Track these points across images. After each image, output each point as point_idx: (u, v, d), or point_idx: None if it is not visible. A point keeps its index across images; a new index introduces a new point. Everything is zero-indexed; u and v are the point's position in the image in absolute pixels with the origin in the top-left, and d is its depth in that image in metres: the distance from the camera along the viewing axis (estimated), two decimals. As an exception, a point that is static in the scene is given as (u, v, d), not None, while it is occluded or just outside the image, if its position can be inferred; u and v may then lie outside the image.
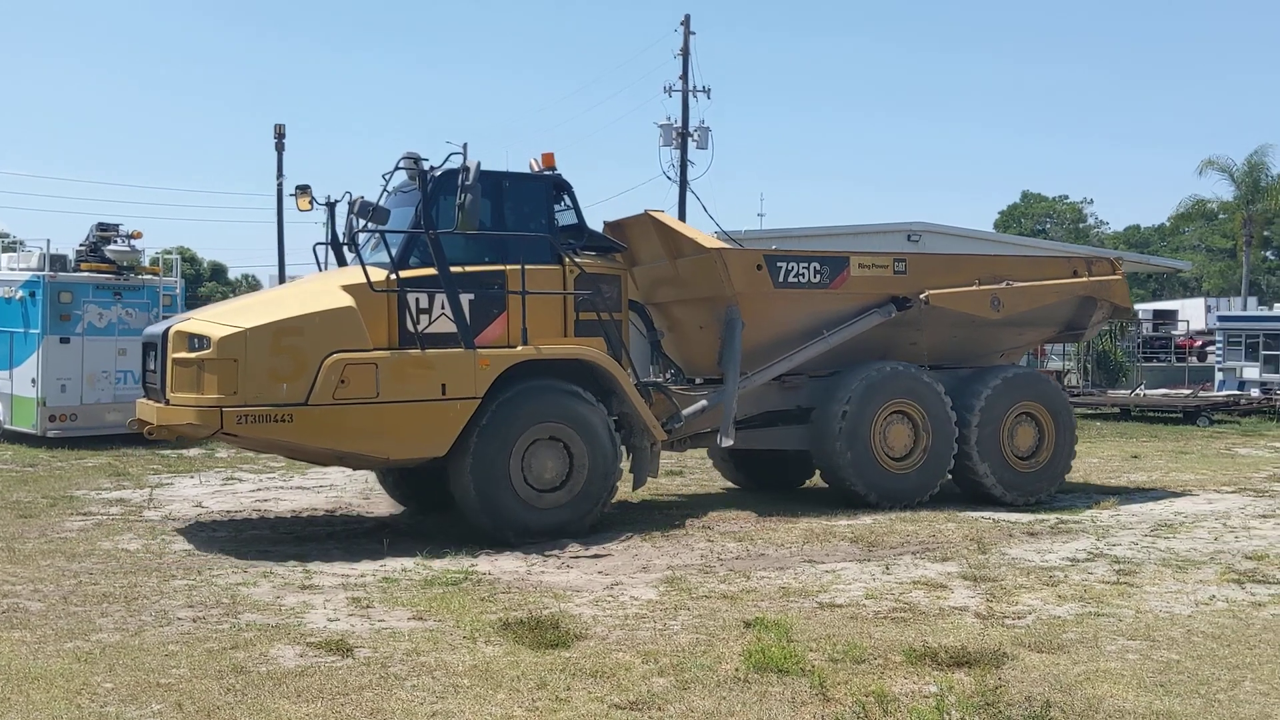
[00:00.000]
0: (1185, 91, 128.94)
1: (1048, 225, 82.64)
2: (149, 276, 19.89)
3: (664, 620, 7.41)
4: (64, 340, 18.66)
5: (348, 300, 9.96)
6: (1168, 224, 71.87)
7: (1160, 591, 8.27)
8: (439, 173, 10.48)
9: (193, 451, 17.69)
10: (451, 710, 5.59)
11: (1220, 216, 54.99)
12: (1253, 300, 47.00)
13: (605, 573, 9.03)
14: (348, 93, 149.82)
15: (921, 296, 12.53)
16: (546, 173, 11.21)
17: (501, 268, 10.55)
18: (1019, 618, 7.49)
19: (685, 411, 11.80)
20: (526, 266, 10.50)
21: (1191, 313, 41.52)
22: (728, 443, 11.83)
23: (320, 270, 11.42)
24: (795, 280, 12.13)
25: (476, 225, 10.20)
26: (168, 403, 9.95)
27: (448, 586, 8.37)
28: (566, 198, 11.19)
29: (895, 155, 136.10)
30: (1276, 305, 36.14)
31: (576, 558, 9.64)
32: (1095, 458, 17.97)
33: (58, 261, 19.13)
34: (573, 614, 7.55)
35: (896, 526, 10.94)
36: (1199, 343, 37.32)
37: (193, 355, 9.72)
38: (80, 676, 6.02)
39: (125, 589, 8.14)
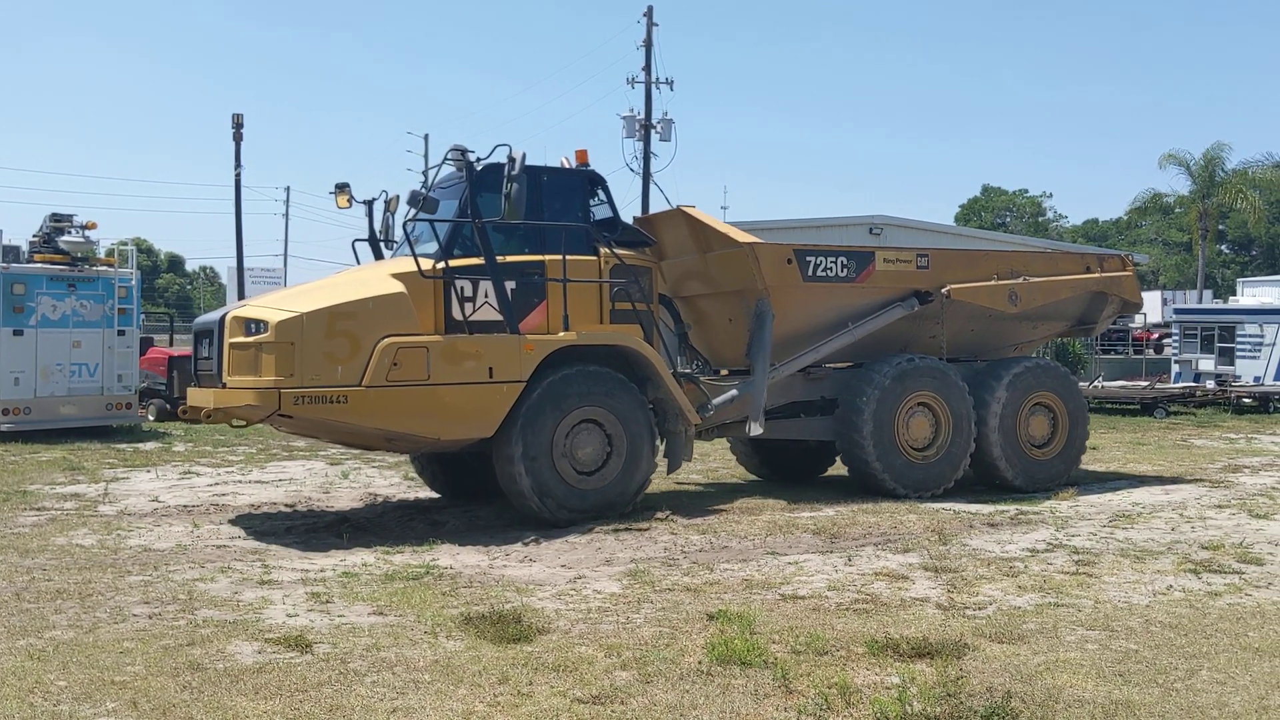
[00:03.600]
0: (1143, 88, 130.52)
1: (1008, 219, 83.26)
2: (104, 268, 19.59)
3: (627, 613, 7.38)
4: (17, 333, 18.36)
5: (399, 286, 10.32)
6: (1125, 218, 72.58)
7: (1118, 581, 8.34)
8: (484, 165, 10.78)
9: (149, 445, 17.47)
10: (412, 706, 5.54)
11: (1177, 210, 55.56)
12: (1208, 294, 47.58)
13: (568, 566, 9.00)
14: (307, 83, 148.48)
15: (943, 291, 12.86)
16: (582, 168, 11.54)
17: (541, 258, 10.94)
18: (980, 608, 7.53)
19: (715, 401, 12.12)
20: (570, 256, 10.89)
21: (1148, 306, 41.91)
22: (757, 431, 12.12)
23: (358, 264, 11.71)
24: (823, 274, 12.46)
25: (522, 214, 10.49)
26: (224, 386, 10.16)
27: (409, 581, 8.30)
28: (601, 192, 11.59)
29: (857, 149, 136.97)
30: (1231, 298, 36.60)
31: (539, 551, 9.59)
32: (1054, 449, 18.09)
33: (11, 253, 18.82)
34: (535, 608, 7.50)
35: (858, 518, 10.98)
36: (1156, 335, 37.73)
37: (250, 339, 10.02)
38: (33, 674, 5.91)
39: (79, 585, 8.01)
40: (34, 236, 19.59)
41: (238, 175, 34.58)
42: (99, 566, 8.69)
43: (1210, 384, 28.24)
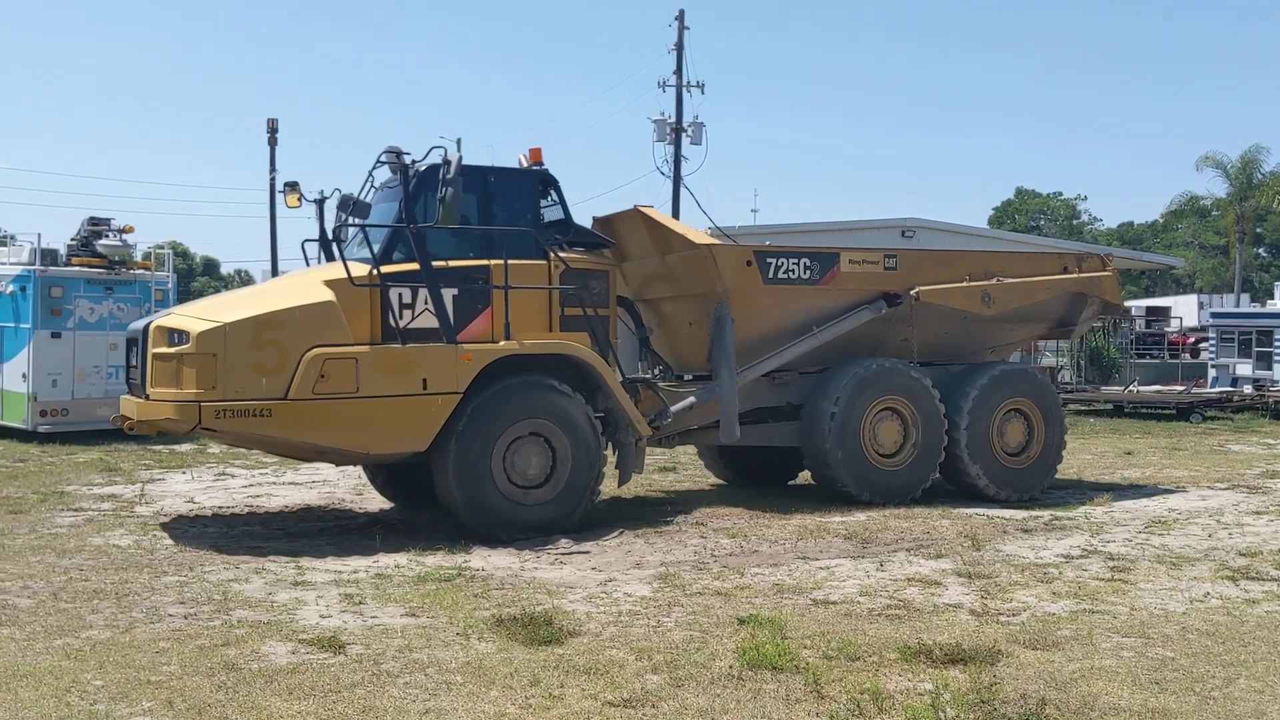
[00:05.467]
0: (1180, 89, 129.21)
1: (1042, 221, 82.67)
2: (140, 271, 19.79)
3: (657, 617, 7.38)
4: (55, 335, 18.57)
5: (328, 295, 9.94)
6: (1161, 220, 71.84)
7: (1155, 588, 8.25)
8: (422, 168, 10.41)
9: (185, 447, 17.63)
10: (444, 708, 5.56)
11: (1213, 213, 55.02)
12: (1245, 297, 47.08)
13: (598, 569, 9.00)
14: (341, 86, 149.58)
15: (912, 293, 12.48)
16: (532, 168, 11.15)
17: (486, 262, 10.51)
18: (1013, 615, 7.47)
19: (673, 408, 11.73)
20: (511, 261, 10.47)
21: (1184, 309, 41.55)
22: (732, 439, 11.85)
23: (308, 266, 11.34)
24: (785, 276, 12.09)
25: (458, 219, 10.16)
26: (148, 398, 9.92)
27: (440, 583, 8.33)
28: (553, 193, 11.14)
29: (889, 151, 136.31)
30: (1269, 302, 36.15)
31: (570, 554, 9.61)
32: (1088, 454, 17.97)
33: (49, 256, 19.05)
34: (566, 610, 7.51)
35: (890, 523, 10.93)
36: (1192, 339, 37.34)
37: (172, 350, 9.71)
38: (70, 674, 5.97)
39: (116, 585, 8.09)
40: (72, 240, 19.82)
41: (272, 179, 34.82)
42: (135, 567, 8.77)
43: (1247, 388, 27.91)
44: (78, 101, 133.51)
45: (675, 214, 36.91)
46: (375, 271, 10.13)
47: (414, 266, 10.24)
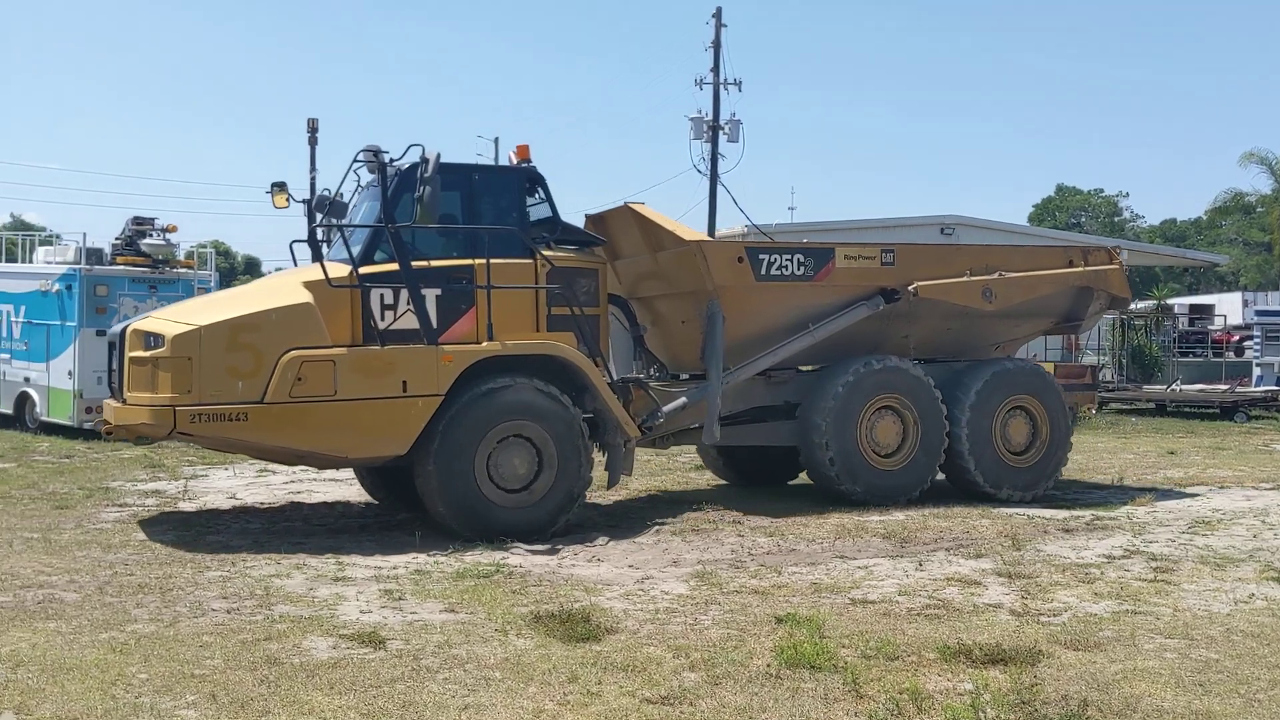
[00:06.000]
0: (1223, 84, 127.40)
1: (1083, 219, 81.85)
2: (184, 270, 20.06)
3: (695, 615, 7.38)
4: (100, 333, 18.75)
5: (305, 296, 9.84)
6: (1204, 217, 70.94)
7: (1198, 589, 8.16)
8: (404, 167, 10.27)
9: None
10: (483, 703, 5.59)
11: (1258, 210, 54.21)
12: (1291, 294, 46.30)
13: (635, 567, 9.02)
14: (378, 86, 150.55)
15: (910, 288, 12.27)
16: (518, 165, 11.01)
17: (470, 262, 10.36)
18: (1054, 615, 7.41)
19: (665, 408, 11.53)
20: (496, 260, 10.33)
21: (1228, 307, 40.93)
22: (712, 440, 11.70)
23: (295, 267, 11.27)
24: (778, 273, 11.86)
25: (436, 218, 9.99)
26: (125, 402, 9.84)
27: (479, 579, 8.38)
28: (540, 191, 11.00)
29: (928, 148, 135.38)
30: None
31: (607, 551, 9.63)
32: (1131, 453, 17.79)
33: (94, 255, 19.33)
34: (603, 608, 7.53)
35: (929, 522, 10.87)
36: (1236, 337, 36.78)
37: (148, 354, 9.61)
38: (115, 667, 6.06)
39: (160, 580, 8.20)
40: (116, 239, 20.11)
41: (312, 179, 35.20)
42: (179, 562, 8.88)
43: (1293, 387, 27.43)
44: (122, 101, 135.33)
45: (712, 212, 36.89)
46: (354, 272, 10.01)
47: (395, 267, 10.12)
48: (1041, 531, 10.51)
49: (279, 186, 10.78)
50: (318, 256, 10.96)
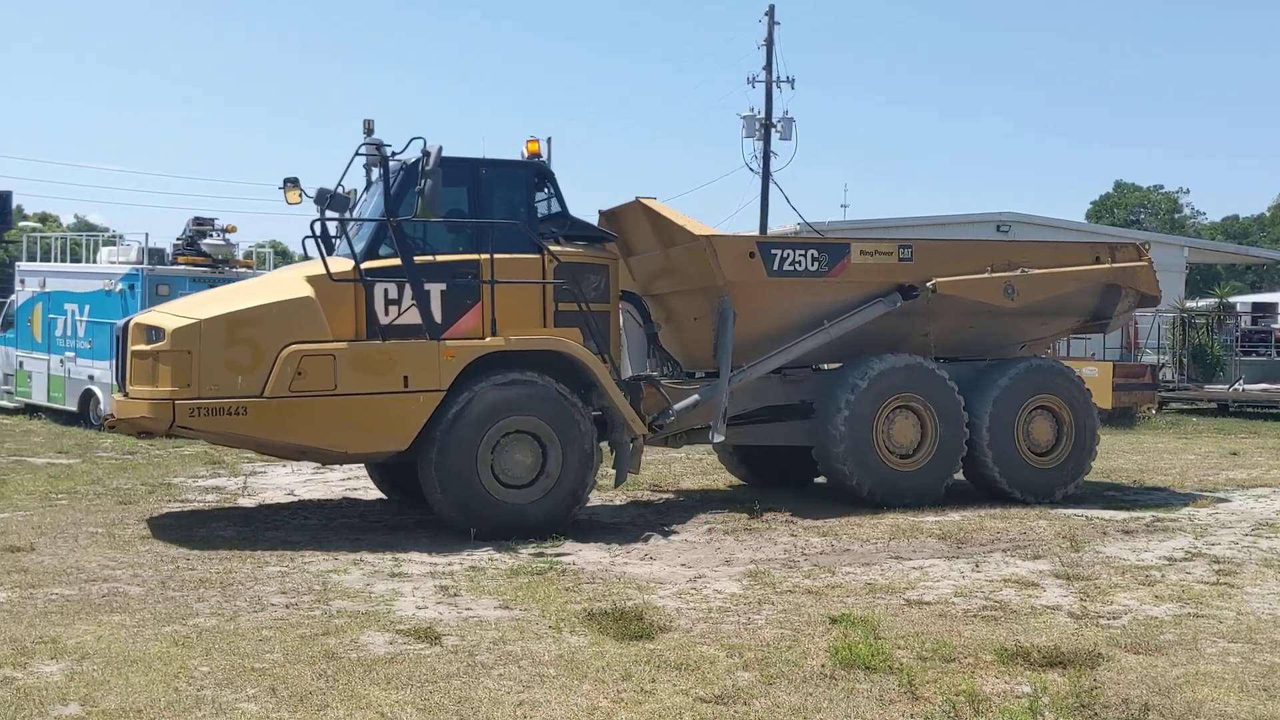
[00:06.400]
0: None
1: (1142, 216, 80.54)
2: (243, 269, 20.38)
3: (748, 614, 7.37)
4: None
5: (306, 290, 9.81)
6: (1268, 214, 69.58)
7: (1262, 592, 8.00)
8: (410, 161, 10.21)
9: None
10: (538, 699, 5.62)
11: (1324, 205, 53.19)
12: (1359, 292, 45.20)
13: (688, 565, 9.02)
14: (431, 88, 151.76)
15: (928, 285, 12.00)
16: (527, 160, 10.92)
17: (476, 257, 10.28)
18: (1114, 618, 7.30)
19: (676, 406, 11.40)
20: (503, 255, 10.25)
21: (1295, 306, 40.05)
22: (718, 439, 11.51)
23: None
24: (791, 269, 11.62)
25: (437, 212, 9.96)
26: (127, 395, 9.88)
27: (533, 576, 8.43)
28: (549, 186, 10.93)
29: (983, 144, 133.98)
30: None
31: (659, 550, 9.64)
32: (1192, 454, 17.47)
33: (156, 255, 19.68)
34: (656, 606, 7.54)
35: (986, 523, 10.76)
36: (1301, 336, 35.99)
37: (149, 347, 9.64)
38: (178, 660, 6.16)
39: (221, 575, 8.33)
40: (178, 239, 20.47)
41: (368, 179, 35.62)
42: (239, 557, 9.01)
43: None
44: (183, 106, 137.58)
45: (764, 210, 36.78)
46: (357, 267, 9.96)
47: (399, 262, 10.05)
48: (1101, 533, 10.37)
49: (291, 183, 10.58)
50: (330, 252, 10.78)
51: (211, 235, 20.41)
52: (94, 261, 21.48)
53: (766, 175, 36.88)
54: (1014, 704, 5.53)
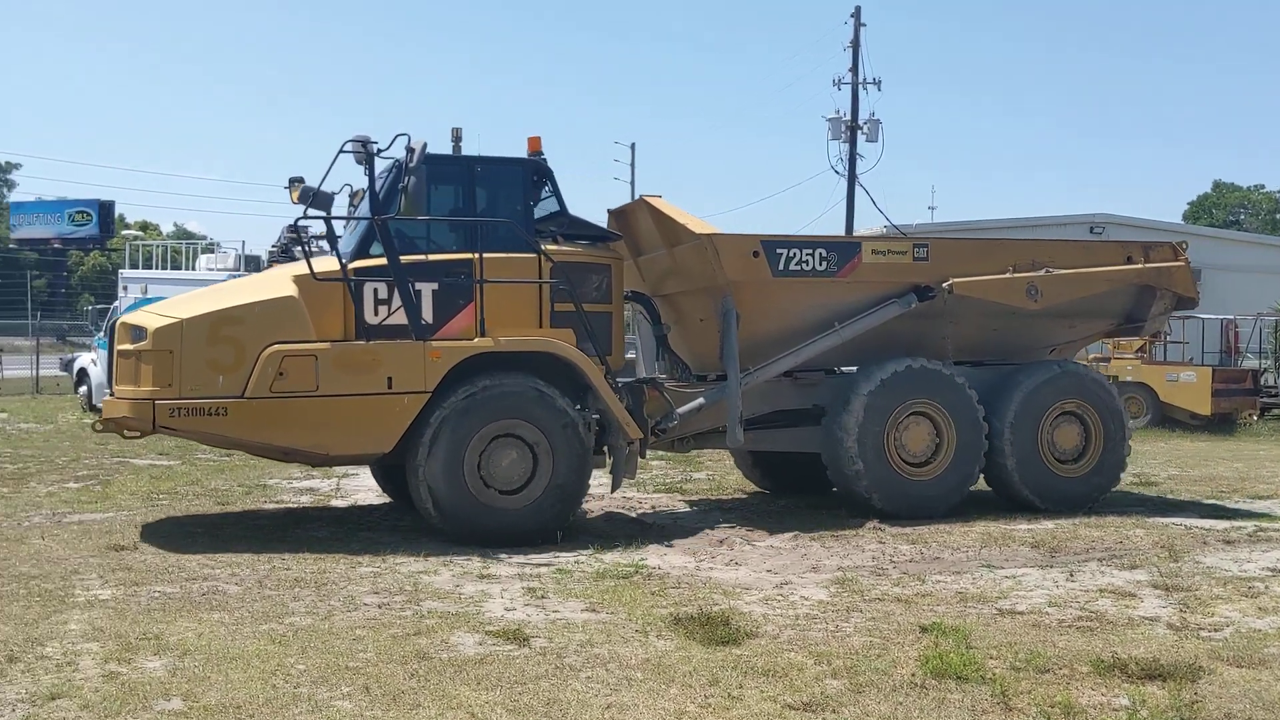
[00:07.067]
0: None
1: (1242, 216, 78.16)
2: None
3: (836, 621, 7.30)
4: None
5: (290, 290, 9.70)
6: (1377, 213, 66.99)
7: (1374, 607, 7.70)
8: (399, 158, 10.06)
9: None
10: (626, 703, 5.64)
11: None
12: None
13: (774, 571, 8.97)
14: (518, 96, 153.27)
15: (945, 285, 11.57)
16: (525, 157, 10.75)
17: (469, 256, 10.08)
18: (1216, 630, 7.09)
19: (680, 410, 11.11)
20: (495, 254, 10.10)
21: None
22: (736, 443, 11.24)
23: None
24: (798, 268, 11.19)
25: (422, 210, 9.84)
26: (112, 394, 9.88)
27: (619, 579, 8.46)
28: (547, 184, 10.69)
29: (1075, 145, 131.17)
30: None
31: (744, 555, 9.61)
32: (1297, 462, 16.88)
33: (252, 262, 20.25)
34: (743, 611, 7.52)
35: (1080, 531, 10.53)
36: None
37: (133, 347, 9.59)
38: (275, 658, 6.30)
39: (315, 575, 8.50)
40: (273, 247, 20.83)
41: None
42: (332, 558, 9.17)
43: None
44: (279, 118, 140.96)
45: (850, 213, 36.49)
46: (342, 267, 9.84)
47: (382, 261, 9.91)
48: (1200, 543, 10.08)
49: (295, 182, 10.34)
50: (307, 250, 10.42)
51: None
52: (193, 268, 22.19)
53: (852, 178, 36.62)
54: (1111, 717, 5.41)
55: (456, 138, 10.73)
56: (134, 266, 23.38)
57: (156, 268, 23.12)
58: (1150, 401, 23.37)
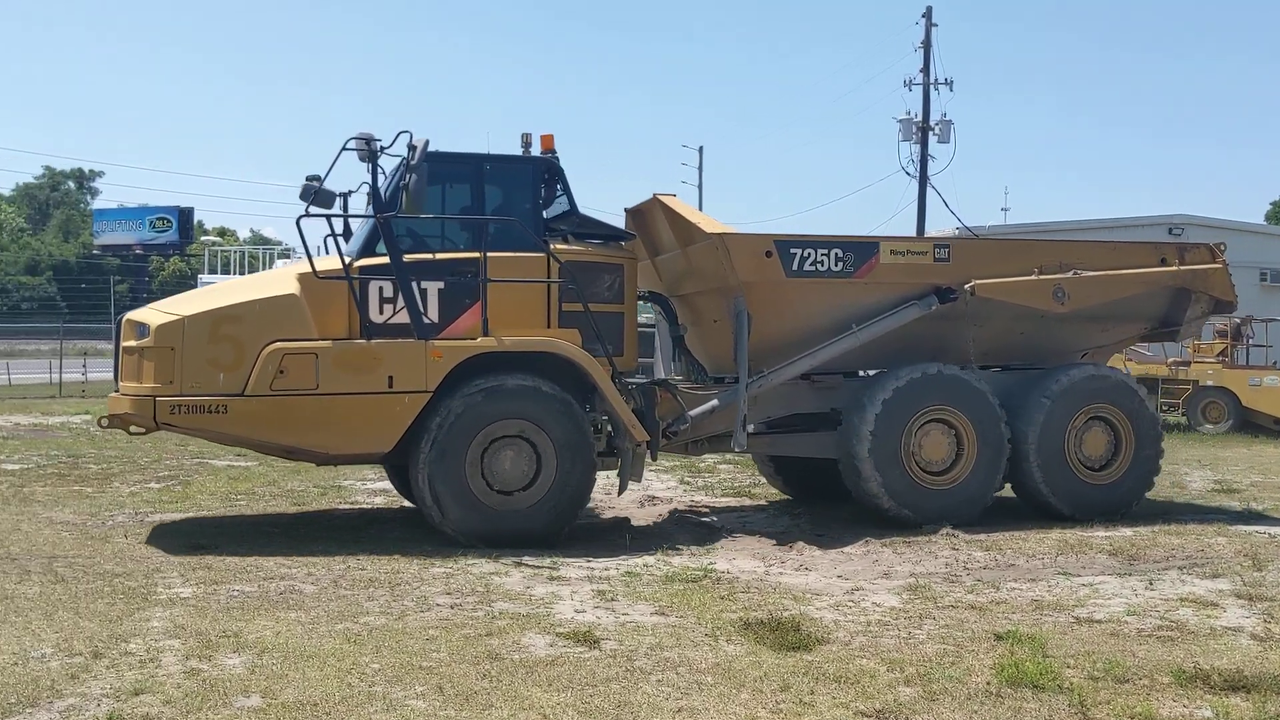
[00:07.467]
0: None
1: (1327, 216, 75.82)
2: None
3: (908, 628, 7.23)
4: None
5: (292, 288, 9.70)
6: None
7: None
8: (404, 157, 10.02)
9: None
10: (696, 707, 5.64)
11: None
12: None
13: (845, 577, 8.91)
14: (586, 101, 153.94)
15: (967, 287, 11.25)
16: (535, 155, 10.67)
17: (476, 255, 10.01)
18: (1303, 642, 6.90)
19: (692, 412, 10.97)
20: (501, 253, 10.02)
21: None
22: (739, 447, 11.05)
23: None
24: (813, 269, 10.94)
25: (423, 208, 9.79)
26: (118, 391, 9.94)
27: (688, 583, 8.45)
28: (557, 183, 10.63)
29: (1152, 145, 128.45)
30: None
31: (814, 560, 9.55)
32: (1388, 470, 16.36)
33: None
34: (813, 617, 7.47)
35: (1160, 539, 10.31)
36: None
37: (136, 344, 9.65)
38: (350, 656, 6.40)
39: (389, 575, 8.61)
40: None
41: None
42: (405, 558, 9.28)
43: None
44: (351, 123, 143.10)
45: (921, 214, 36.13)
46: (345, 265, 9.81)
47: (385, 260, 9.90)
48: (1286, 552, 9.81)
49: (311, 180, 10.18)
50: (308, 247, 10.50)
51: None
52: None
53: (924, 179, 36.25)
54: (1194, 729, 5.29)
55: (526, 143, 10.81)
56: (212, 271, 23.88)
57: (234, 272, 23.56)
58: (1232, 406, 22.82)
